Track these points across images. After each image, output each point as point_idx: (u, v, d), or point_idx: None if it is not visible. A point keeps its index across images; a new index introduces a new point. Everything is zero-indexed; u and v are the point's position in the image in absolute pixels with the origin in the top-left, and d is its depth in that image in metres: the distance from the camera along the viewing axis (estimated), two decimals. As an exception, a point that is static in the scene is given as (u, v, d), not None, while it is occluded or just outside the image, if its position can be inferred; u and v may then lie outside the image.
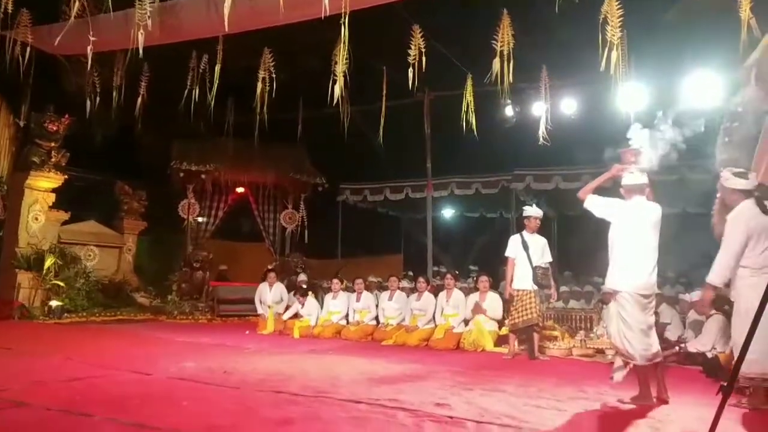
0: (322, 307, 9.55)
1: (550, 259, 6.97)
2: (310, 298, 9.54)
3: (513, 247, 6.99)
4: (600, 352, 7.35)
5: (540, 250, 6.89)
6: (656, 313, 8.19)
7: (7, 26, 6.93)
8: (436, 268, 12.08)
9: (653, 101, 8.47)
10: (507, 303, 7.51)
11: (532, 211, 7.09)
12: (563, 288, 9.16)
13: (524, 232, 7.01)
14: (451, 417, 3.56)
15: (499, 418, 3.56)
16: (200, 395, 4.12)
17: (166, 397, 4.03)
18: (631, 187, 4.35)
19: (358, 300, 9.16)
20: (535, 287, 6.77)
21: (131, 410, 3.54)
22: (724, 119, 5.41)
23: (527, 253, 6.82)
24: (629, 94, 8.04)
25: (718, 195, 5.23)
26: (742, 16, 5.37)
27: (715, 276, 4.20)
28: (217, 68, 7.43)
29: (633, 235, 4.24)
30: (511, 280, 6.97)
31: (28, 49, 7.13)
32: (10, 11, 6.65)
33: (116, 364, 5.33)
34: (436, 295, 8.48)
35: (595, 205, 4.46)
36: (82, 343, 7.00)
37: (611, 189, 4.66)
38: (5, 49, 7.06)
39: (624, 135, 4.75)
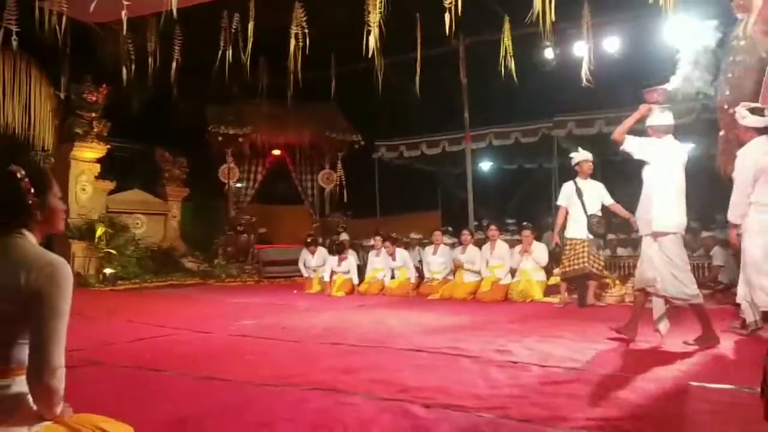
0: (366, 266, 9.62)
1: (612, 201, 6.63)
2: (349, 257, 9.52)
3: (566, 194, 6.74)
4: (653, 296, 7.24)
5: (596, 196, 6.61)
6: (710, 256, 8.03)
7: (43, -3, 6.93)
8: (476, 223, 11.96)
9: (705, 35, 8.00)
10: (553, 252, 7.39)
11: (582, 155, 6.79)
12: (610, 236, 8.94)
13: (577, 179, 6.73)
14: (515, 362, 3.55)
15: (563, 362, 3.53)
16: (263, 349, 4.21)
17: (231, 352, 4.14)
18: (658, 127, 4.27)
19: (393, 259, 9.13)
20: (590, 236, 6.53)
21: (200, 365, 3.63)
22: (727, 54, 5.16)
23: (581, 201, 6.55)
24: (679, 27, 7.61)
25: (720, 133, 5.05)
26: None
27: (732, 213, 4.25)
28: (250, 26, 7.32)
29: (671, 174, 4.16)
30: (561, 229, 6.82)
31: (64, 18, 7.14)
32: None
33: (176, 324, 5.49)
34: (479, 248, 8.40)
35: (633, 146, 4.31)
36: (140, 307, 7.23)
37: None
38: (42, 21, 7.07)
39: (671, 72, 4.55)
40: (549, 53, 9.89)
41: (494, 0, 9.03)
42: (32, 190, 1.50)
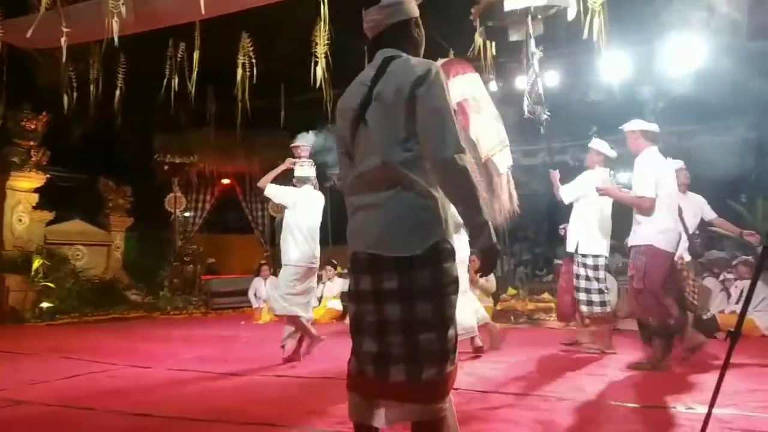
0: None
1: (714, 216, 5.89)
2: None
3: None
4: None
5: (696, 212, 5.82)
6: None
7: (-24, 22, 6.72)
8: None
9: (636, 70, 8.50)
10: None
11: (677, 163, 5.42)
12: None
13: None
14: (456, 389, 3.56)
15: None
16: (202, 384, 4.08)
17: (169, 387, 3.99)
18: (301, 178, 5.22)
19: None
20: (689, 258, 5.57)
21: (134, 402, 3.49)
22: None
23: (681, 218, 5.37)
24: (611, 63, 8.06)
25: None
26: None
27: None
28: (196, 55, 7.26)
29: (305, 217, 5.10)
30: None
31: (0, 44, 6.92)
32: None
33: (114, 359, 5.25)
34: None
35: (273, 194, 5.28)
36: (77, 342, 6.90)
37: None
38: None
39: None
40: (492, 87, 10.17)
41: (439, 35, 9.28)
42: None
